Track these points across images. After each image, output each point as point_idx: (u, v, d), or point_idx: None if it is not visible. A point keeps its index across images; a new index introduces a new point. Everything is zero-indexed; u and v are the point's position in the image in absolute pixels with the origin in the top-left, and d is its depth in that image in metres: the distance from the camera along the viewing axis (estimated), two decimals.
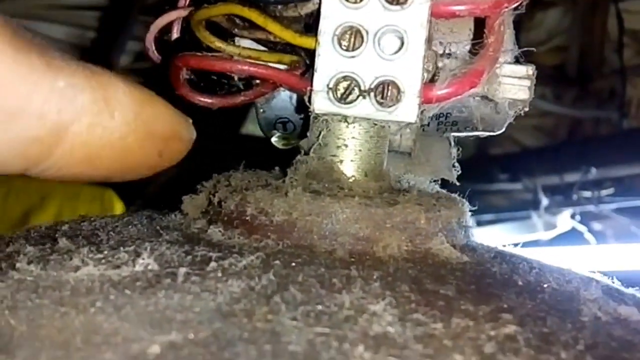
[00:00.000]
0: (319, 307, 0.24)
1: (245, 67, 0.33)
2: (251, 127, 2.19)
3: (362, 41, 0.31)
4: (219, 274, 0.27)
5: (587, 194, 1.96)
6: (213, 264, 0.27)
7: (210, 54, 0.34)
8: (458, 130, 0.38)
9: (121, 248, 0.29)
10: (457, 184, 0.39)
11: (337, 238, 0.31)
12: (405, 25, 0.31)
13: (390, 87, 0.31)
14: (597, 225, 2.10)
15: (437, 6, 0.31)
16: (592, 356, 0.24)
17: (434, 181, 0.38)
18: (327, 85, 0.32)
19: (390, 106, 0.31)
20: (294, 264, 0.28)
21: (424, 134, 0.38)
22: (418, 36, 0.31)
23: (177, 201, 0.36)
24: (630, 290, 0.33)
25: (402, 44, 0.31)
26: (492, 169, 2.07)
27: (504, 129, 0.37)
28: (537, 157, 2.14)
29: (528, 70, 0.34)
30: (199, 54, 0.34)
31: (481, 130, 0.37)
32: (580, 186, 1.95)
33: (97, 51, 1.86)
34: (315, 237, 0.31)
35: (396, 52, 0.31)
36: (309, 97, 0.32)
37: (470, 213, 0.35)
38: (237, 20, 0.35)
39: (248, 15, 0.33)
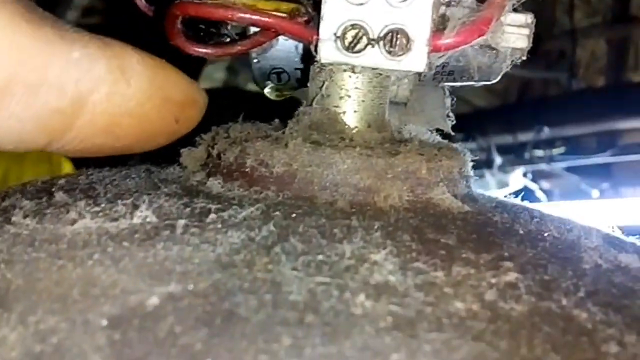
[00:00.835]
0: (320, 257, 0.24)
1: (248, 15, 0.32)
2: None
3: None
4: (219, 226, 0.26)
5: (539, 152, 2.00)
6: (212, 216, 0.27)
7: (208, 1, 0.33)
8: (454, 80, 0.37)
9: (119, 201, 0.28)
10: (452, 133, 0.39)
11: (338, 189, 0.30)
12: None
13: (399, 36, 0.30)
14: (545, 184, 2.16)
15: None
16: (593, 302, 0.24)
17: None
18: (335, 34, 0.31)
19: (399, 55, 0.31)
20: (294, 215, 0.28)
21: (419, 84, 0.38)
22: None
23: (175, 155, 0.35)
24: (630, 239, 0.34)
25: None
26: None
27: (499, 79, 0.37)
28: (491, 117, 2.16)
29: (527, 18, 0.33)
30: (196, 1, 0.33)
31: (477, 79, 0.37)
32: (533, 145, 1.99)
33: (43, 6, 1.79)
34: (315, 188, 0.30)
35: None
36: (315, 46, 0.31)
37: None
38: None
39: None
